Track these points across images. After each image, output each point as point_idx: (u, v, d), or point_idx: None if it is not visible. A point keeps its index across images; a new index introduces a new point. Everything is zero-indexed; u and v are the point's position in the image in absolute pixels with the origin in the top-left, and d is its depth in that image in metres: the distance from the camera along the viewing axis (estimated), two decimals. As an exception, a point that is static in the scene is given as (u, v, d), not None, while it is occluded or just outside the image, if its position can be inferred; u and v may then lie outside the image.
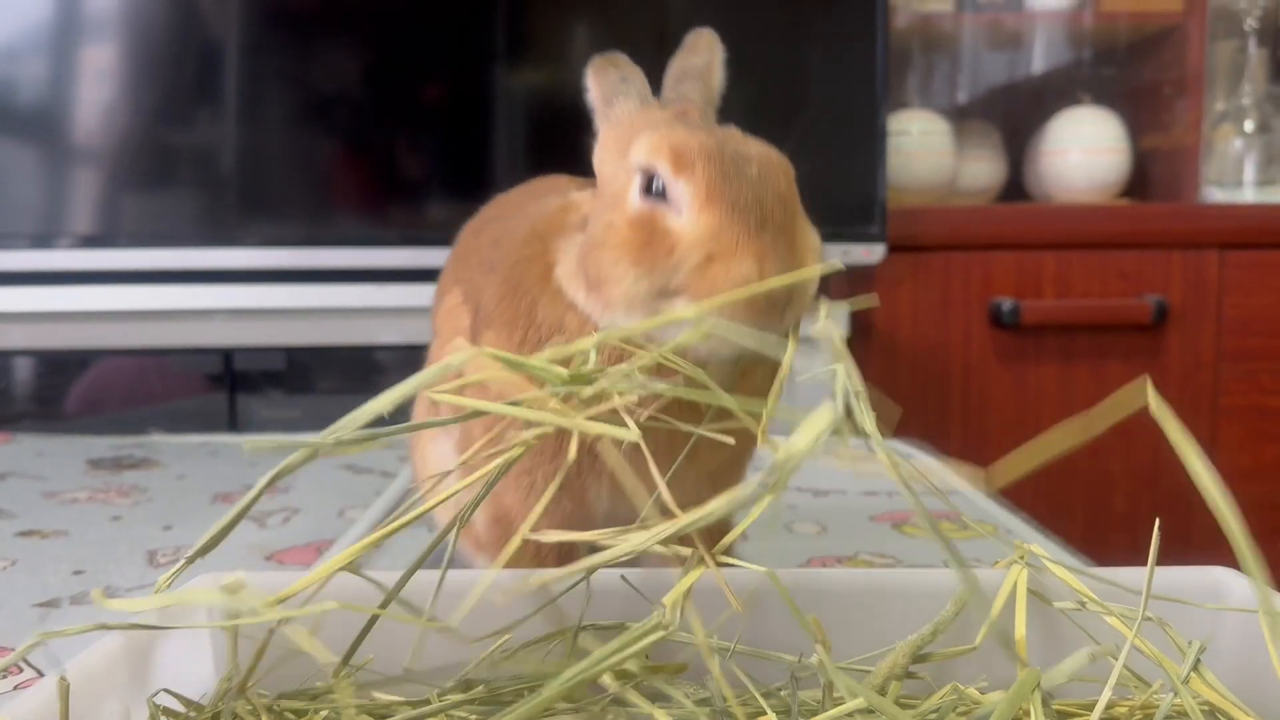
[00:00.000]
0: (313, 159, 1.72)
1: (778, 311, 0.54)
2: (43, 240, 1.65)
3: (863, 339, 1.81)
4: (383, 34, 1.71)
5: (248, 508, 0.48)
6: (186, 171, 1.69)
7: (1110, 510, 1.84)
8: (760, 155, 0.57)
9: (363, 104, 1.72)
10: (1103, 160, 1.98)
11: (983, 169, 2.12)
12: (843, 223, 1.71)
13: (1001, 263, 1.82)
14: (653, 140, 0.57)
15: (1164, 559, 0.56)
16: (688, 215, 0.55)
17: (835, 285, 1.81)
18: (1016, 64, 2.29)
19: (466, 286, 0.73)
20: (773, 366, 0.53)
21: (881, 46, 1.70)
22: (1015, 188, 2.14)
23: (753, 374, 0.59)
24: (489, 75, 1.70)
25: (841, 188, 1.73)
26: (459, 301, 0.73)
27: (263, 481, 0.49)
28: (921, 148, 1.97)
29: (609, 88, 0.65)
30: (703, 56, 0.69)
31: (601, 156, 0.63)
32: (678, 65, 0.69)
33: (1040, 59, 2.28)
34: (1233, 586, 0.56)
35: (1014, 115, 2.19)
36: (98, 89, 1.67)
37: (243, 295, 1.62)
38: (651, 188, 0.56)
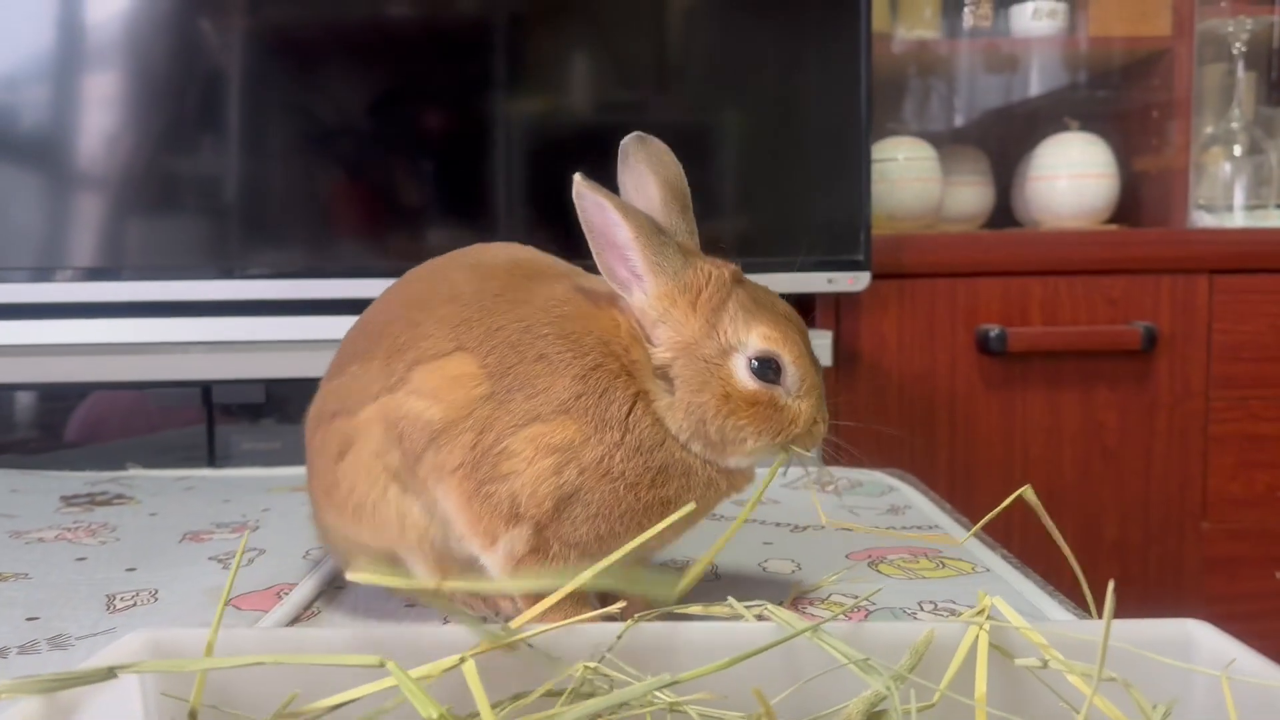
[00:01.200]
0: (312, 190, 1.71)
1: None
2: (40, 273, 1.63)
3: (848, 367, 1.80)
4: (383, 64, 1.70)
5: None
6: (186, 203, 1.69)
7: (1101, 538, 1.81)
8: (804, 325, 0.75)
9: (362, 134, 1.71)
10: (1091, 185, 1.97)
11: (970, 195, 2.11)
12: (827, 250, 1.70)
13: (988, 289, 1.81)
14: (774, 334, 0.71)
15: (1155, 587, 0.54)
16: (798, 393, 0.72)
17: (821, 313, 1.79)
18: (1004, 89, 2.29)
19: (489, 360, 0.73)
20: None
21: (865, 74, 1.70)
22: (1004, 214, 2.13)
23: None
24: (488, 104, 1.69)
25: (826, 215, 1.72)
26: (474, 370, 0.73)
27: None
28: (908, 174, 1.96)
29: (654, 243, 0.71)
30: (672, 171, 0.77)
31: (666, 309, 0.72)
32: (659, 181, 0.76)
33: (1028, 84, 2.28)
34: (1203, 641, 0.54)
35: (1002, 141, 2.19)
36: (99, 118, 1.67)
37: (243, 328, 1.61)
38: (753, 367, 0.71)
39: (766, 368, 0.71)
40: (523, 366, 0.71)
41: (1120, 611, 0.52)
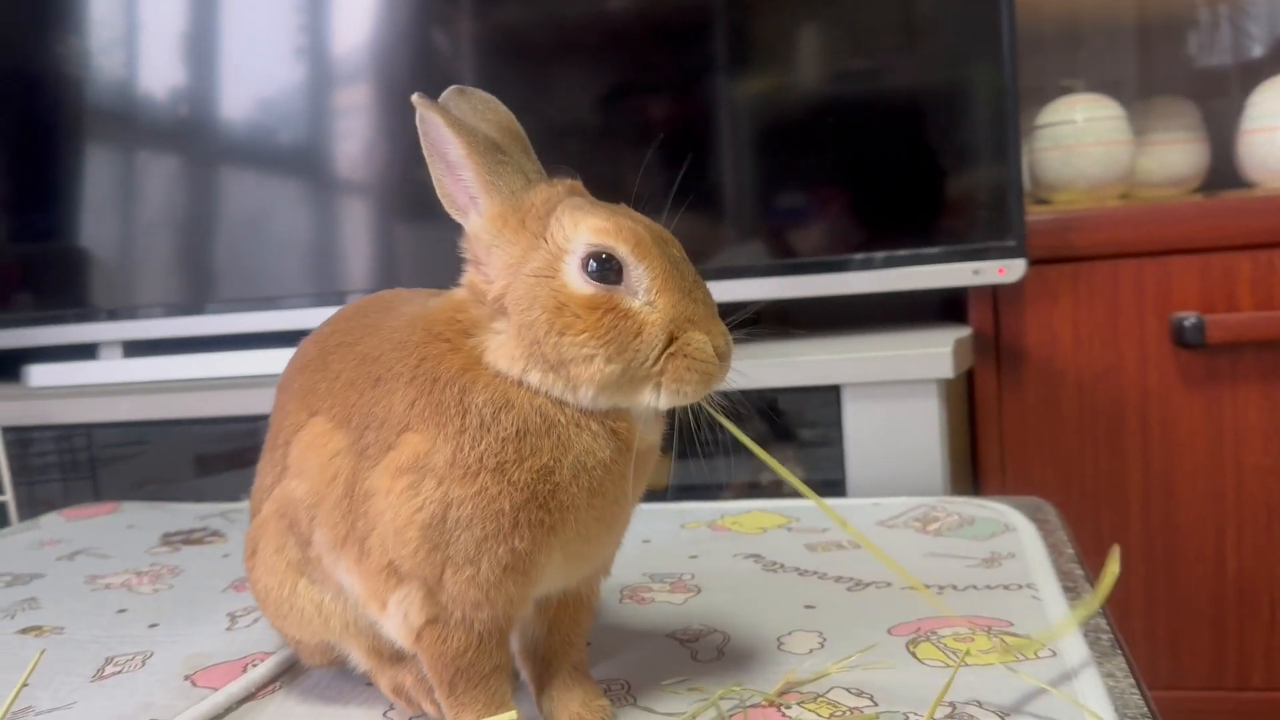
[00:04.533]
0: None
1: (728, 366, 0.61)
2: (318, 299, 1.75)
3: (1012, 369, 1.57)
4: (607, 58, 1.66)
5: None
6: (435, 217, 1.74)
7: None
8: (669, 234, 0.62)
9: (590, 129, 1.67)
10: (1322, 135, 1.63)
11: (1177, 155, 1.80)
12: (971, 238, 1.48)
13: (1182, 269, 1.52)
14: (605, 225, 0.59)
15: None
16: (648, 297, 0.59)
17: (976, 309, 1.57)
18: (1206, 29, 1.94)
19: (335, 411, 0.66)
20: None
21: (1009, 23, 1.46)
22: (1226, 173, 1.80)
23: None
24: (714, 88, 1.60)
25: (968, 196, 1.50)
26: (327, 428, 0.66)
27: None
28: (1087, 137, 1.69)
29: (488, 160, 0.62)
30: (504, 115, 0.66)
31: (498, 231, 0.62)
32: (493, 127, 0.65)
33: (1239, 19, 1.92)
34: None
35: (1212, 90, 1.86)
36: (352, 135, 1.75)
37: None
38: (589, 268, 0.58)
39: (604, 267, 0.58)
40: (363, 401, 0.63)
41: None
